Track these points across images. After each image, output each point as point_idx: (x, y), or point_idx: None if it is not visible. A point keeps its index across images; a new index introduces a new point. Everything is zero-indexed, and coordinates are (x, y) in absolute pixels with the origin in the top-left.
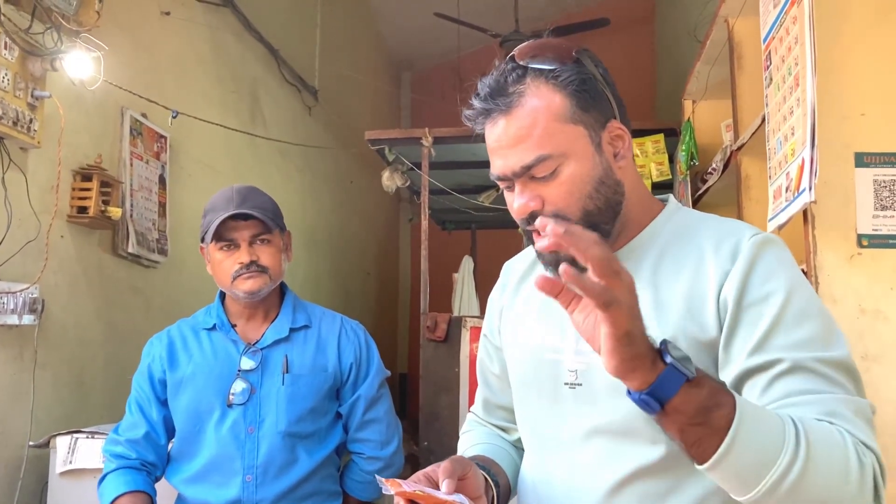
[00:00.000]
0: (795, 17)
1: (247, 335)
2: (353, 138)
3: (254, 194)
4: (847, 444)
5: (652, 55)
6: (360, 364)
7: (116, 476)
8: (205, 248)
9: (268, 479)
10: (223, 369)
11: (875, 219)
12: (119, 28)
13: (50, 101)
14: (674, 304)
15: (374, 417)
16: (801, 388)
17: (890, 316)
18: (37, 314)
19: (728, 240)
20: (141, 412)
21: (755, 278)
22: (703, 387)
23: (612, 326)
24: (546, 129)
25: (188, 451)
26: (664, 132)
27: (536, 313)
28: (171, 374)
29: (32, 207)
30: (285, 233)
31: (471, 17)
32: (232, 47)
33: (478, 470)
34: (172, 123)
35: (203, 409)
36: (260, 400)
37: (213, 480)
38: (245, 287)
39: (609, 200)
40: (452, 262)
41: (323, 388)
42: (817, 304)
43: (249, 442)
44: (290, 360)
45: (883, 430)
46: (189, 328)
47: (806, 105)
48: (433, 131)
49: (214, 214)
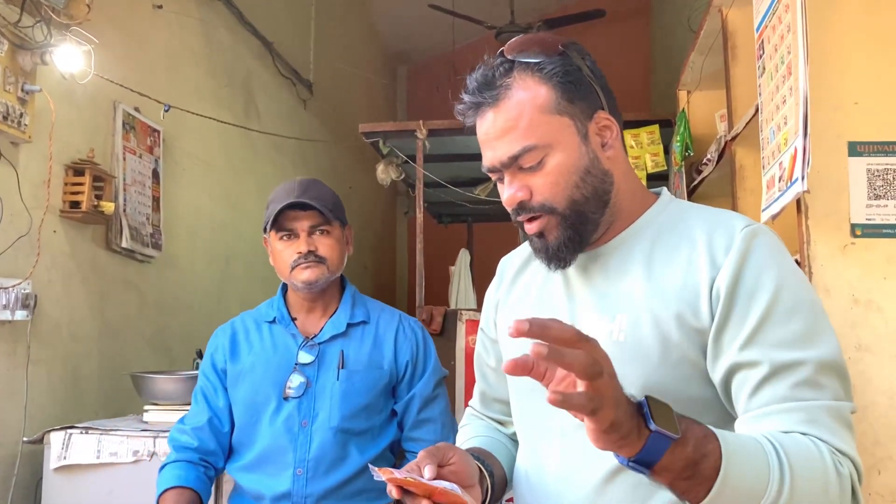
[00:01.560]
0: (788, 6)
1: (306, 329)
2: (348, 132)
3: (315, 186)
4: (825, 460)
5: (647, 46)
6: (416, 362)
7: (172, 468)
8: (267, 239)
9: (318, 474)
10: (281, 362)
11: (868, 208)
12: (110, 22)
13: (40, 95)
14: (669, 289)
15: (428, 417)
16: (786, 394)
17: (883, 306)
18: (29, 309)
19: (720, 230)
20: (205, 400)
21: (748, 271)
22: (689, 443)
23: (597, 424)
24: (532, 121)
25: (245, 442)
26: (659, 123)
27: (532, 305)
28: (231, 364)
29: (24, 202)
30: (346, 227)
31: (466, 8)
32: (225, 40)
33: (469, 458)
34: (165, 117)
35: (259, 401)
36: (315, 394)
37: (265, 471)
38: (303, 277)
39: (597, 190)
40: (449, 255)
41: (378, 385)
42: (809, 296)
43: (302, 435)
44: (346, 356)
45: (876, 420)
46: (252, 320)
47: (798, 94)
48: (427, 124)
49: (275, 204)
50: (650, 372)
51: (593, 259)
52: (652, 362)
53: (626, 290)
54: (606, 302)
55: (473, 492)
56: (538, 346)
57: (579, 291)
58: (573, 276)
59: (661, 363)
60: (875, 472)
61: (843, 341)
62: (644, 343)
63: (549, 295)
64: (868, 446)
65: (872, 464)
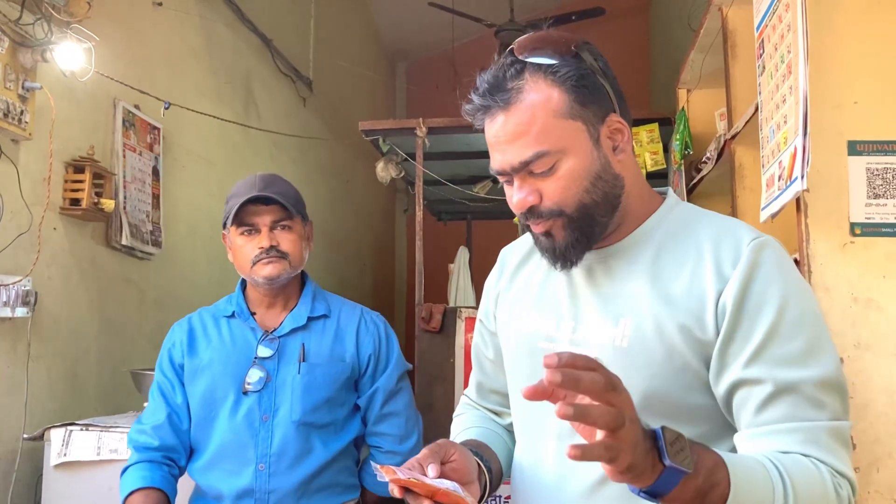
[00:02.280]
0: (788, 5)
1: (265, 323)
2: (347, 129)
3: (277, 181)
4: (826, 483)
5: (646, 44)
6: (378, 356)
7: (136, 470)
8: (226, 235)
9: (281, 469)
10: (240, 356)
11: (868, 207)
12: (111, 19)
13: (41, 92)
14: (675, 297)
15: (392, 411)
16: (788, 413)
17: (882, 304)
18: (30, 307)
19: (728, 241)
20: (163, 397)
21: (755, 286)
22: (700, 474)
23: (615, 467)
24: (544, 126)
25: (202, 438)
26: (659, 121)
27: (533, 301)
28: (189, 360)
29: (24, 200)
30: (308, 222)
31: (466, 6)
32: (225, 38)
33: (468, 454)
34: (165, 115)
35: (218, 396)
36: (276, 388)
37: (224, 468)
38: (264, 272)
39: (607, 194)
40: (448, 252)
41: (340, 379)
42: (812, 310)
43: (263, 430)
44: (307, 349)
45: (876, 418)
46: (210, 316)
47: (798, 93)
48: (427, 121)
49: (236, 199)
50: (653, 378)
51: (599, 261)
52: (654, 369)
53: (630, 295)
54: (610, 306)
55: (472, 488)
56: (564, 406)
57: (583, 293)
58: (577, 277)
59: (663, 370)
60: (874, 469)
61: (842, 340)
62: (647, 350)
63: (550, 294)
64: (867, 444)
65: (871, 461)
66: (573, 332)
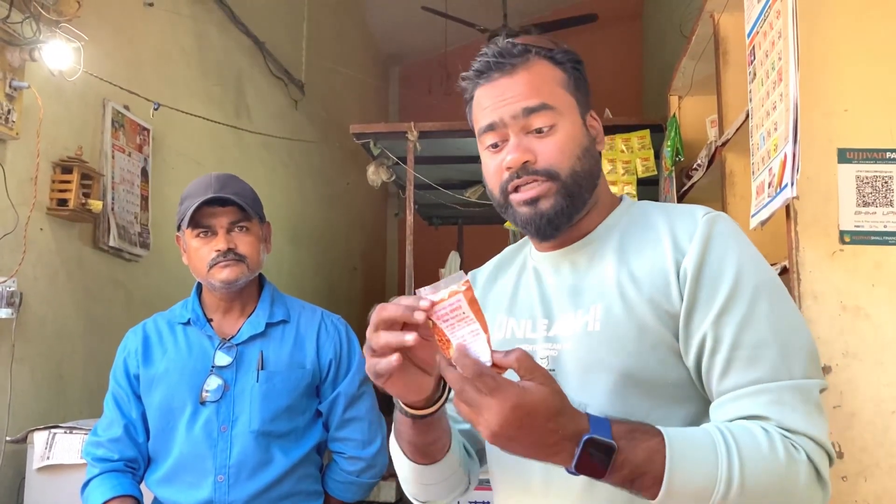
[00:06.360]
0: (779, 12)
1: (223, 330)
2: (339, 132)
3: (233, 181)
4: (775, 444)
5: (638, 50)
6: (340, 360)
7: (101, 481)
8: (181, 237)
9: (241, 480)
10: (197, 365)
11: (857, 215)
12: (100, 19)
13: (28, 91)
14: (640, 275)
15: (354, 416)
16: (754, 376)
17: (871, 313)
18: (14, 307)
19: (683, 218)
20: (118, 409)
21: (712, 253)
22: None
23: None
24: (550, 88)
25: (160, 450)
26: (650, 128)
27: (506, 308)
28: (144, 369)
29: (10, 199)
30: (265, 223)
31: (459, 11)
32: (216, 39)
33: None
34: (154, 116)
35: (175, 407)
36: (234, 397)
37: (184, 481)
38: (222, 276)
39: (591, 170)
40: (439, 257)
41: (300, 386)
42: (770, 276)
43: (222, 441)
44: (266, 357)
45: (863, 427)
46: (165, 322)
47: (789, 100)
48: (419, 125)
49: (191, 200)
50: (628, 357)
51: (564, 257)
52: (630, 348)
53: (598, 281)
54: (580, 296)
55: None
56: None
57: (553, 291)
58: (545, 277)
59: (637, 348)
60: (862, 479)
61: (830, 348)
62: (619, 329)
63: (523, 299)
64: (855, 453)
65: (859, 471)
66: (548, 329)
